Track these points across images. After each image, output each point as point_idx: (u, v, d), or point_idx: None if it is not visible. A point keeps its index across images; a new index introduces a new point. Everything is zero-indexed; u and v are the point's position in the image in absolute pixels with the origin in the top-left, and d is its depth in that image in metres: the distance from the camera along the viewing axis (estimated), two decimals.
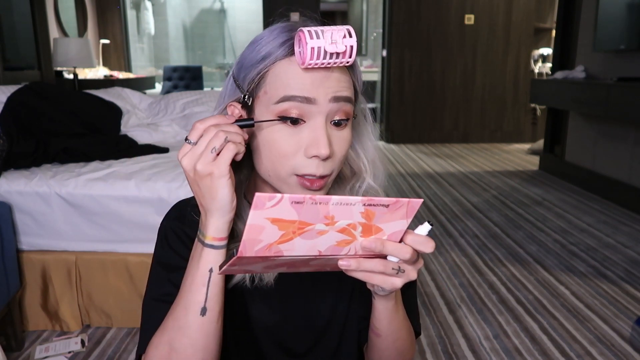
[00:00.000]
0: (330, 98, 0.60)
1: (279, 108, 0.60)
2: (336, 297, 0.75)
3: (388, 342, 0.69)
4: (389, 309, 0.65)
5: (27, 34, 3.69)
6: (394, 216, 0.53)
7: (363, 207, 0.51)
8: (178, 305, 0.61)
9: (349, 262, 0.55)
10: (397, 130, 6.21)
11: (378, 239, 0.54)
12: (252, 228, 0.49)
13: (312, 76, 0.59)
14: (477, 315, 2.09)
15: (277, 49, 0.61)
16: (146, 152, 2.24)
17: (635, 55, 3.40)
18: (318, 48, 0.55)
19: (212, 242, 0.59)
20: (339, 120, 0.62)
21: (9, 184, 1.85)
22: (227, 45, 8.29)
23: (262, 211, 0.48)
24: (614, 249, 2.78)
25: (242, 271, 0.60)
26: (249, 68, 0.63)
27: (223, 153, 0.56)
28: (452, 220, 3.27)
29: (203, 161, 0.56)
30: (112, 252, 1.90)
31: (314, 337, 0.76)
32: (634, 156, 3.47)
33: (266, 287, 0.69)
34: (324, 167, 0.61)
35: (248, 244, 0.50)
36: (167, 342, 0.61)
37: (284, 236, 0.50)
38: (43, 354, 1.78)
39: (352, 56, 0.58)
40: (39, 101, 2.32)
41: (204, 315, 0.60)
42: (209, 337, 0.61)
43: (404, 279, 0.56)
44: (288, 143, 0.61)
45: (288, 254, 0.52)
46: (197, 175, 0.57)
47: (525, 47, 6.05)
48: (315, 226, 0.50)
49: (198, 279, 0.60)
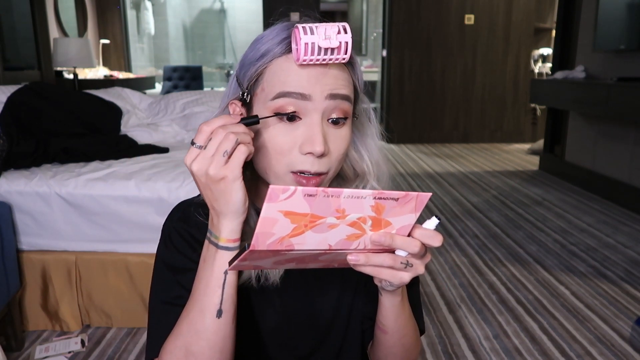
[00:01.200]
0: (326, 95, 0.60)
1: (275, 104, 0.60)
2: (339, 297, 0.75)
3: (395, 339, 0.70)
4: (396, 305, 0.66)
5: (27, 34, 3.69)
6: (403, 210, 0.53)
7: (373, 201, 0.51)
8: (193, 308, 0.61)
9: (358, 257, 0.55)
10: (397, 130, 6.21)
11: (387, 233, 0.54)
12: (265, 221, 0.49)
13: (309, 73, 0.59)
14: (477, 315, 2.09)
15: (275, 47, 0.61)
16: (146, 152, 2.24)
17: (635, 55, 3.40)
18: (312, 44, 0.56)
19: (227, 244, 0.58)
20: (337, 119, 0.62)
21: (9, 184, 1.85)
22: (227, 45, 8.29)
23: (276, 204, 0.48)
24: (614, 249, 2.78)
25: (251, 267, 0.59)
26: (249, 66, 0.63)
27: (235, 155, 0.55)
28: (452, 220, 3.27)
29: (216, 165, 0.54)
30: (112, 252, 1.90)
31: (318, 337, 0.76)
32: (634, 156, 3.47)
33: (271, 287, 0.69)
34: (320, 165, 0.61)
35: (261, 237, 0.50)
36: (183, 346, 0.61)
37: (296, 229, 0.50)
38: (43, 354, 1.78)
39: (347, 52, 0.58)
40: (39, 101, 2.32)
41: (220, 318, 0.60)
42: (226, 338, 0.61)
43: (412, 273, 0.57)
44: (284, 139, 0.61)
45: (299, 248, 0.52)
46: (210, 180, 0.55)
47: (525, 47, 6.05)
48: (326, 219, 0.51)
49: (213, 282, 0.59)
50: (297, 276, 0.71)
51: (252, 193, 0.71)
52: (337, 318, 0.75)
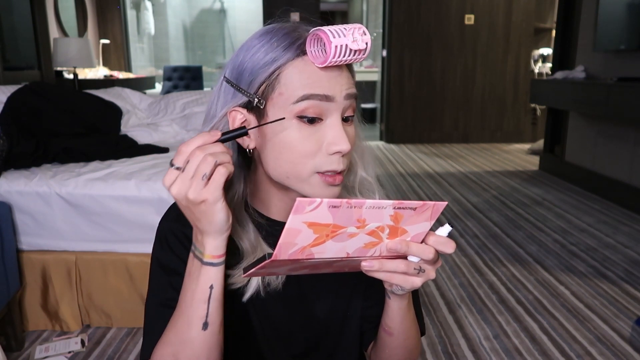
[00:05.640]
0: (344, 95, 0.62)
1: (298, 107, 0.60)
2: (335, 300, 0.76)
3: (399, 341, 0.71)
4: (403, 308, 0.67)
5: (27, 34, 3.69)
6: (419, 218, 0.54)
7: (393, 211, 0.52)
8: (179, 319, 0.61)
9: (372, 263, 0.56)
10: (397, 130, 6.21)
11: (403, 241, 0.56)
12: (289, 232, 0.50)
13: (328, 75, 0.60)
14: (477, 315, 2.09)
15: (287, 50, 0.60)
16: (146, 152, 2.25)
17: (635, 55, 3.40)
18: (342, 46, 0.57)
19: (211, 260, 0.59)
20: (348, 117, 0.64)
21: (9, 184, 1.85)
22: (227, 45, 8.28)
23: (302, 215, 0.49)
24: (614, 249, 2.78)
25: (266, 274, 0.60)
26: (257, 71, 0.61)
27: (214, 178, 0.54)
28: (452, 220, 3.27)
29: (195, 189, 0.53)
30: (112, 252, 1.90)
31: (313, 338, 0.76)
32: (634, 156, 3.47)
33: (271, 292, 0.70)
34: (344, 162, 0.63)
35: (284, 247, 0.51)
36: (172, 354, 0.62)
37: (318, 239, 0.51)
38: (43, 354, 1.78)
39: (366, 52, 0.59)
40: (39, 101, 2.32)
41: (206, 330, 0.61)
42: (212, 349, 0.62)
43: (424, 278, 0.58)
44: (309, 142, 0.61)
45: (319, 257, 0.53)
46: (190, 203, 0.54)
47: (525, 47, 6.05)
48: (347, 229, 0.52)
49: (198, 295, 0.60)
50: (293, 279, 0.71)
51: (257, 200, 0.71)
52: (332, 320, 0.76)
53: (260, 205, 0.71)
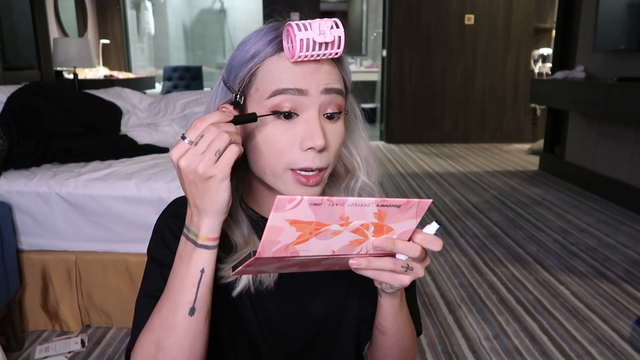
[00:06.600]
0: (321, 90, 0.61)
1: (271, 103, 0.60)
2: (330, 299, 0.76)
3: (393, 340, 0.71)
4: (395, 306, 0.66)
5: (27, 34, 3.69)
6: (404, 216, 0.54)
7: (376, 208, 0.52)
8: (165, 304, 0.61)
9: (359, 261, 0.56)
10: (397, 130, 6.21)
11: (389, 238, 0.55)
12: (271, 230, 0.50)
13: (303, 69, 0.60)
14: (477, 315, 2.09)
15: (265, 47, 0.61)
16: (146, 152, 2.25)
17: (635, 55, 3.40)
18: (307, 39, 0.56)
19: (205, 242, 0.58)
20: (332, 114, 0.63)
21: (9, 184, 1.85)
22: (227, 45, 8.28)
23: (282, 213, 0.49)
24: (614, 249, 2.78)
25: (255, 272, 0.60)
26: (239, 68, 0.63)
27: (226, 155, 0.54)
28: (452, 220, 3.27)
29: (206, 164, 0.54)
30: (112, 252, 1.90)
31: (309, 337, 0.76)
32: (634, 156, 3.47)
33: (265, 291, 0.70)
34: (320, 160, 0.62)
35: (267, 245, 0.51)
36: (154, 340, 0.60)
37: (301, 237, 0.51)
38: (43, 354, 1.78)
39: (340, 47, 0.58)
40: (39, 101, 2.32)
41: (192, 316, 0.60)
42: (196, 337, 0.61)
43: (412, 276, 0.58)
44: (283, 137, 0.61)
45: (304, 254, 0.53)
46: (198, 177, 0.54)
47: (525, 47, 6.05)
48: (330, 227, 0.52)
49: (188, 279, 0.59)
50: (288, 278, 0.71)
51: (248, 196, 0.71)
52: (328, 319, 0.76)
53: (254, 203, 0.71)
